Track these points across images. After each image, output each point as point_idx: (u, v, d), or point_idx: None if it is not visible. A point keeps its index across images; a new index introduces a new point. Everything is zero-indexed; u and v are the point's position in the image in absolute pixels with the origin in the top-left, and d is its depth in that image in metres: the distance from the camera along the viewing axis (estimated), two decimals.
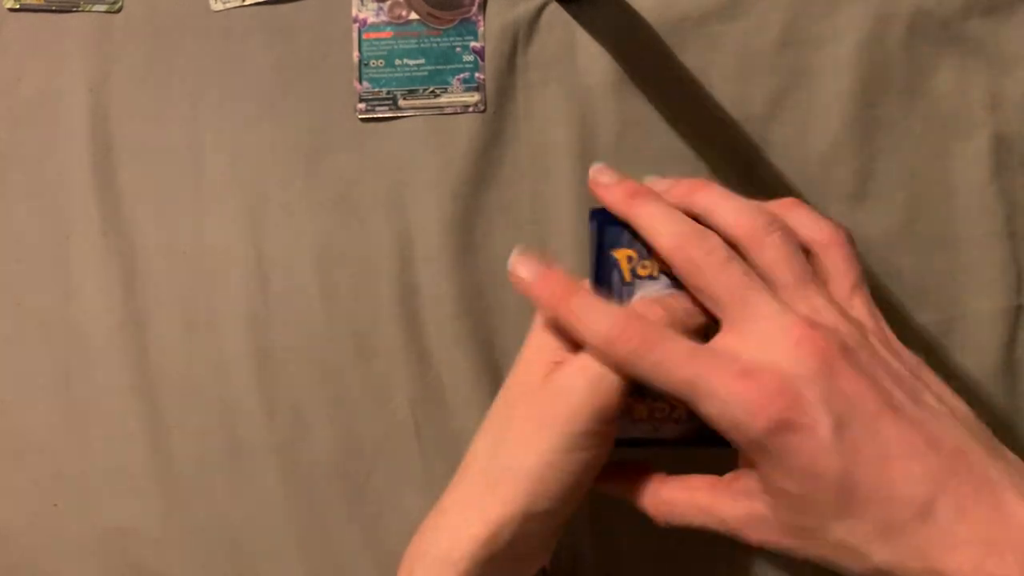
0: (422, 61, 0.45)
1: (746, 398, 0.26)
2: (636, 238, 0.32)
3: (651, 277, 0.32)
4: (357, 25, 0.45)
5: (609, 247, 0.32)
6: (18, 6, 0.47)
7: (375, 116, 0.45)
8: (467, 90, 0.44)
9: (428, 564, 0.31)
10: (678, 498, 0.31)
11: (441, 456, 0.43)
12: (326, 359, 0.44)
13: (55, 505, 0.45)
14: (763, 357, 0.27)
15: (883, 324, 0.30)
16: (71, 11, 0.46)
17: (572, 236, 0.43)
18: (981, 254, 0.41)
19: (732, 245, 0.30)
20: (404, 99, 0.45)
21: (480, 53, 0.44)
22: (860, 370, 0.26)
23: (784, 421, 0.25)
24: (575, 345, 0.31)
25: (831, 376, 0.26)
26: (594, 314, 0.29)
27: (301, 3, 0.45)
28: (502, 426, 0.32)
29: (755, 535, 0.29)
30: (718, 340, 0.29)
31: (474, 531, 0.30)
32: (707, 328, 0.30)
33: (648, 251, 0.31)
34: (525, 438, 0.30)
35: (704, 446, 0.31)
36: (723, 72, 0.43)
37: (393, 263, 0.44)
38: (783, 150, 0.42)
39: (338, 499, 0.43)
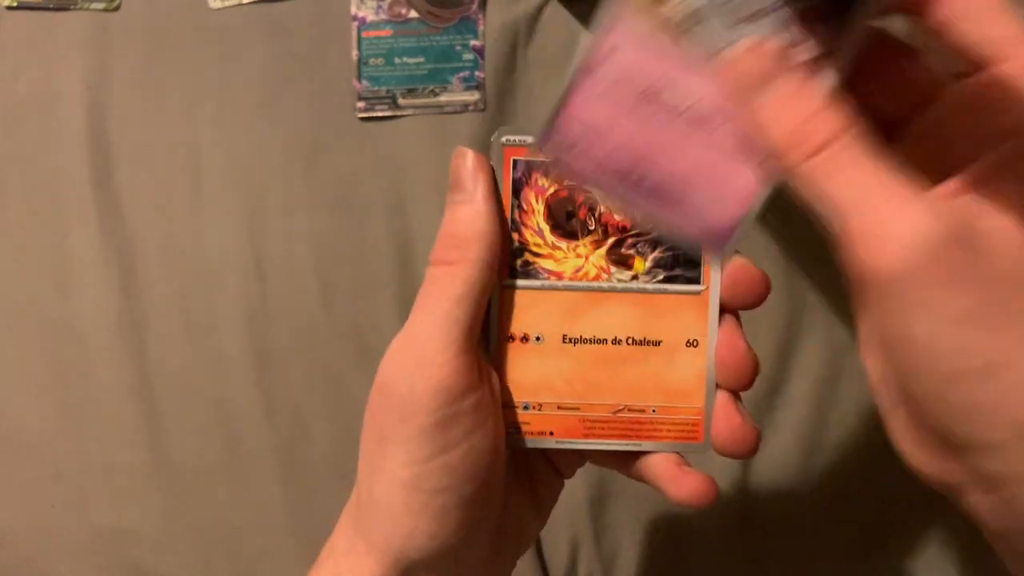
0: (422, 59, 0.44)
1: None
2: None
3: None
4: (356, 23, 0.45)
5: None
6: (16, 4, 0.46)
7: (374, 115, 0.44)
8: (467, 89, 0.44)
9: None
10: None
11: None
12: (326, 359, 0.44)
13: (53, 506, 0.45)
14: None
15: None
16: (69, 9, 0.46)
17: None
18: None
19: None
20: (404, 98, 0.44)
21: (480, 52, 0.44)
22: None
23: None
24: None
25: None
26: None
27: (300, 1, 0.45)
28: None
29: None
30: None
31: None
32: None
33: None
34: (372, 461, 0.24)
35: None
36: None
37: (393, 263, 0.44)
38: None
39: (338, 499, 0.43)
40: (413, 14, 0.44)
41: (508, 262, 0.25)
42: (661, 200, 0.23)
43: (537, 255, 0.25)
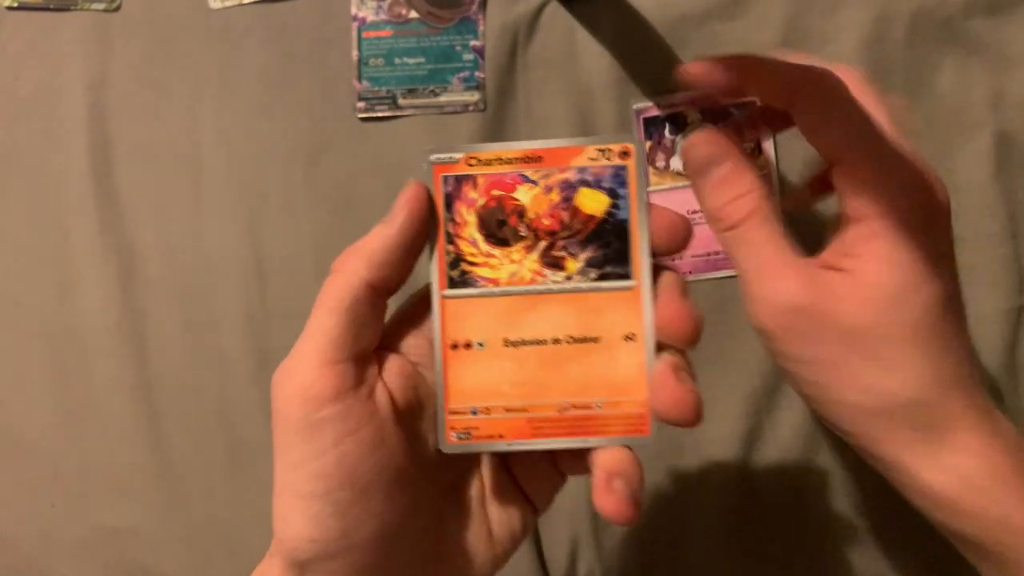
0: (422, 60, 0.44)
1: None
2: None
3: None
4: (356, 24, 0.45)
5: None
6: (16, 4, 0.46)
7: (374, 115, 0.44)
8: (467, 89, 0.44)
9: None
10: None
11: None
12: None
13: (53, 505, 0.45)
14: None
15: None
16: (69, 10, 0.46)
17: None
18: (983, 255, 0.41)
19: None
20: (404, 98, 0.44)
21: (480, 52, 0.44)
22: None
23: (943, 209, 0.28)
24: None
25: None
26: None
27: (300, 1, 0.45)
28: None
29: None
30: None
31: None
32: None
33: None
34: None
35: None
36: None
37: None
38: (785, 150, 0.42)
39: None
40: (413, 14, 0.44)
41: (446, 274, 0.26)
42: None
43: (473, 264, 0.26)
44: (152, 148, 0.45)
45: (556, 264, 0.26)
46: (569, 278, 0.26)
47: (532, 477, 0.28)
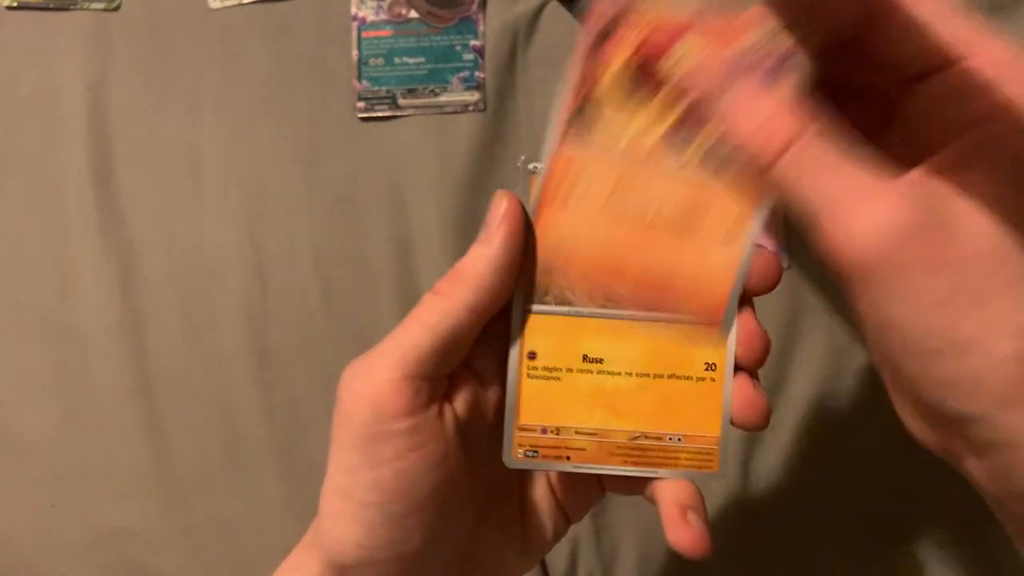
0: (422, 60, 0.44)
1: None
2: None
3: None
4: (356, 23, 0.45)
5: None
6: (16, 4, 0.46)
7: (374, 115, 0.44)
8: (467, 89, 0.44)
9: None
10: None
11: None
12: (325, 359, 0.44)
13: (53, 506, 0.44)
14: None
15: None
16: (69, 9, 0.46)
17: None
18: None
19: None
20: (404, 98, 0.44)
21: (480, 52, 0.44)
22: None
23: None
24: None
25: None
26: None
27: (300, 1, 0.45)
28: None
29: None
30: None
31: None
32: None
33: None
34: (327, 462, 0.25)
35: None
36: None
37: (392, 263, 0.44)
38: None
39: None
40: (413, 14, 0.44)
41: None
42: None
43: (598, 115, 0.25)
44: (152, 148, 0.45)
45: (680, 144, 0.23)
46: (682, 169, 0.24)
47: (572, 491, 0.28)
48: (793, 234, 0.42)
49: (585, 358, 0.25)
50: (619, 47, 0.24)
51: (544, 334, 0.25)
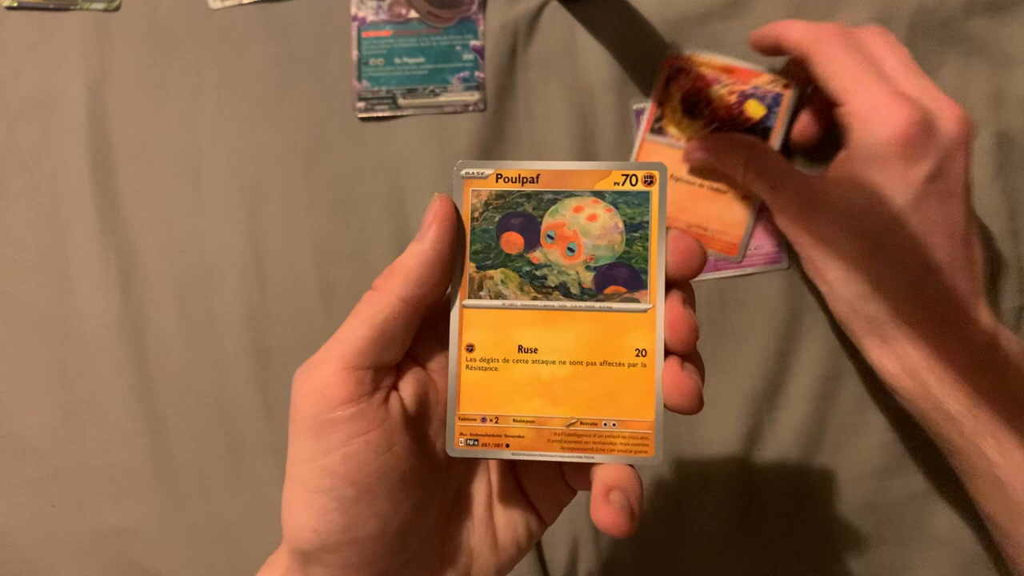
0: (422, 60, 0.44)
1: (894, 110, 0.34)
2: None
3: None
4: (356, 23, 0.45)
5: None
6: (16, 4, 0.46)
7: (374, 115, 0.44)
8: (467, 89, 0.44)
9: None
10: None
11: None
12: None
13: (53, 505, 0.45)
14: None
15: None
16: (69, 9, 0.46)
17: None
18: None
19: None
20: (403, 98, 0.44)
21: (480, 52, 0.44)
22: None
23: (911, 139, 0.33)
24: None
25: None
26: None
27: (300, 1, 0.45)
28: None
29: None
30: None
31: None
32: None
33: None
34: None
35: None
36: None
37: (392, 262, 0.44)
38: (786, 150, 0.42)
39: None
40: (413, 14, 0.44)
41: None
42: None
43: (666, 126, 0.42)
44: (152, 148, 0.45)
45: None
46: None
47: (539, 488, 0.29)
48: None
49: (520, 348, 0.26)
50: (676, 86, 0.42)
51: (480, 327, 0.26)
